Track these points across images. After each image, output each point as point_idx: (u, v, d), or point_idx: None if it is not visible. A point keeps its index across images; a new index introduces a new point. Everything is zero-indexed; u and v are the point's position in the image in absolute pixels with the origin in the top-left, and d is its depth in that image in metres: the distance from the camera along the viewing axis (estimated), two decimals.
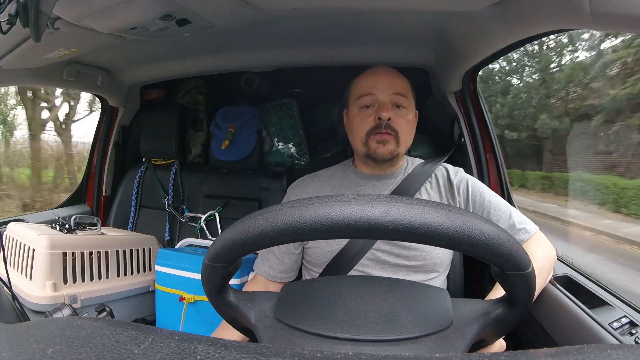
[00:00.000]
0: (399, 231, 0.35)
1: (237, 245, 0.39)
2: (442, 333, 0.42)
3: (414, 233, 0.35)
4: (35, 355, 0.23)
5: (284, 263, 0.85)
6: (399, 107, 0.82)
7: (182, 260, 1.12)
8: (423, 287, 0.52)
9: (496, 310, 0.45)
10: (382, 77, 0.84)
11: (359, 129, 0.83)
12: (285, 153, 1.49)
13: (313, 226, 0.36)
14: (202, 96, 1.60)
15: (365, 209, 0.35)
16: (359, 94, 0.84)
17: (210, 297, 0.46)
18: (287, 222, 0.37)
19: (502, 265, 0.39)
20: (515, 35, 0.77)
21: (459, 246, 0.37)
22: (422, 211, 0.36)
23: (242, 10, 0.82)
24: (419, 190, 0.85)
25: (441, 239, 0.36)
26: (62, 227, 1.10)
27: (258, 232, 0.37)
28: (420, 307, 0.46)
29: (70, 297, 0.98)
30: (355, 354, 0.25)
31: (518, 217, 0.81)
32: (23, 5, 0.53)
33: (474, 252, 0.38)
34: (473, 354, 0.27)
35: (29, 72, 1.11)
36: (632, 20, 0.49)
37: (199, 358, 0.23)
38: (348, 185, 0.88)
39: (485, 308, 0.46)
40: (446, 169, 0.89)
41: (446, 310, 0.46)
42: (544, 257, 0.76)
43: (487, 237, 0.37)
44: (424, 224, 0.35)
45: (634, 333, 0.63)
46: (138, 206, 1.49)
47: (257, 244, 0.39)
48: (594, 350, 0.24)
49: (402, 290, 0.49)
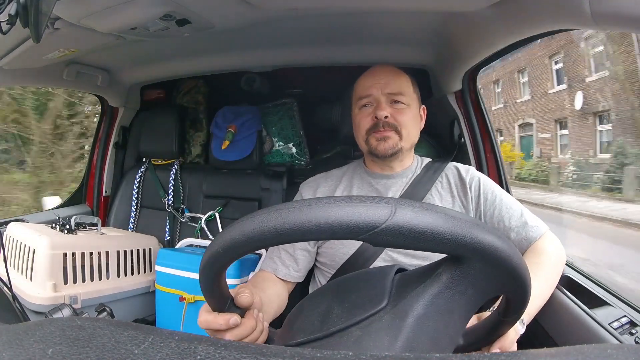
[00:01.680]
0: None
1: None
2: (372, 317, 0.39)
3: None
4: (35, 355, 0.23)
5: (297, 260, 0.83)
6: (396, 103, 0.83)
7: (182, 261, 1.12)
8: (364, 274, 0.48)
9: (444, 274, 0.38)
10: (379, 76, 0.85)
11: (360, 128, 0.85)
12: (286, 153, 1.49)
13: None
14: (202, 96, 1.60)
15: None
16: (359, 95, 0.86)
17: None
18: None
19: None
20: (515, 35, 0.77)
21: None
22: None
23: (242, 10, 0.82)
24: (429, 191, 0.85)
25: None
26: (63, 228, 1.10)
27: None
28: (352, 296, 0.43)
29: (70, 297, 0.98)
30: (355, 354, 0.25)
31: (530, 215, 0.81)
32: (23, 6, 0.53)
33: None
34: (473, 354, 0.27)
35: (29, 72, 1.10)
36: (632, 20, 0.49)
37: (199, 358, 0.23)
38: (361, 184, 0.88)
39: (429, 272, 0.40)
40: (457, 167, 0.89)
41: (380, 291, 0.41)
42: (556, 258, 0.76)
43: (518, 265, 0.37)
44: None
45: (634, 333, 0.63)
46: (139, 206, 1.50)
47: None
48: (594, 350, 0.24)
49: (342, 285, 0.47)
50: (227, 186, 1.42)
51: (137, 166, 1.53)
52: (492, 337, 0.49)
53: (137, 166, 1.53)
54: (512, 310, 0.43)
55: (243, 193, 1.39)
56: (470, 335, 0.48)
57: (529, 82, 9.75)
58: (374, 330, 0.38)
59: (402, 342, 0.36)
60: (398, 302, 0.39)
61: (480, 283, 0.38)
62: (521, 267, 0.37)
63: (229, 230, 0.37)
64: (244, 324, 0.48)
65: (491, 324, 0.47)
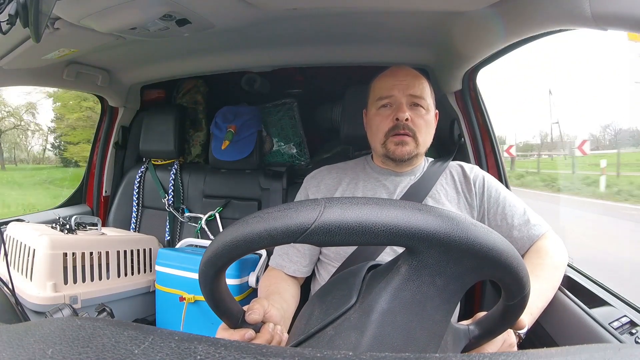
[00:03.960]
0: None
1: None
2: (343, 316, 0.39)
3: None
4: (35, 355, 0.23)
5: (304, 255, 0.84)
6: (417, 107, 0.83)
7: (182, 261, 1.12)
8: (343, 274, 0.48)
9: (401, 268, 0.38)
10: (401, 77, 0.84)
11: (377, 130, 0.84)
12: (286, 153, 1.49)
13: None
14: (201, 96, 1.60)
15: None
16: (378, 95, 0.85)
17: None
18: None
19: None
20: (515, 35, 0.77)
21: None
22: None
23: (242, 10, 0.82)
24: (434, 187, 0.85)
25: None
26: (63, 228, 1.10)
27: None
28: (328, 297, 0.43)
29: (70, 297, 0.98)
30: (355, 355, 0.25)
31: (532, 214, 0.82)
32: (23, 5, 0.53)
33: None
34: (473, 354, 0.27)
35: (29, 72, 1.11)
36: (632, 20, 0.49)
37: (199, 358, 0.23)
38: (367, 179, 0.88)
39: (389, 267, 0.40)
40: (461, 165, 0.90)
41: (351, 289, 0.41)
42: (558, 259, 0.77)
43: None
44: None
45: (634, 333, 0.63)
46: (140, 206, 1.50)
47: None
48: (594, 350, 0.24)
49: (326, 287, 0.48)
50: (227, 186, 1.42)
51: (137, 166, 1.53)
52: (505, 324, 0.47)
53: (137, 166, 1.53)
54: (512, 292, 0.41)
55: (243, 193, 1.39)
56: (484, 323, 0.48)
57: None
58: (344, 329, 0.38)
59: (369, 338, 0.36)
60: (365, 299, 0.39)
61: (448, 271, 0.36)
62: (488, 246, 0.35)
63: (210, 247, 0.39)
64: (259, 339, 0.50)
65: (500, 312, 0.45)
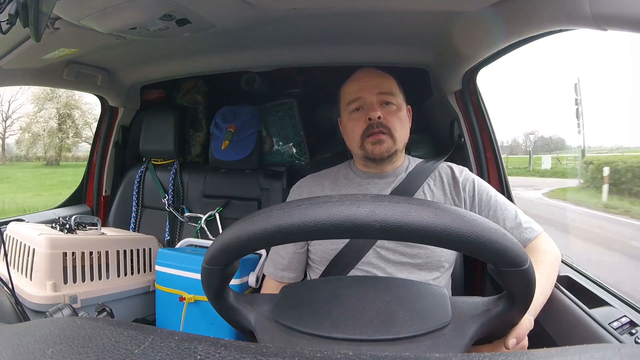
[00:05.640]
0: (386, 230, 0.35)
1: (231, 248, 0.40)
2: (440, 331, 0.42)
3: (400, 232, 0.35)
4: (36, 355, 0.23)
5: (290, 263, 0.85)
6: (387, 105, 0.84)
7: (182, 261, 1.12)
8: (420, 285, 0.52)
9: (496, 307, 0.45)
10: (365, 79, 0.86)
11: (353, 133, 0.85)
12: (286, 153, 1.49)
13: (302, 228, 0.36)
14: (201, 96, 1.60)
15: (352, 209, 0.36)
16: (348, 100, 0.86)
17: (211, 300, 0.47)
18: (277, 225, 0.37)
19: (496, 262, 0.39)
20: (515, 35, 0.77)
21: (449, 244, 0.37)
22: (409, 209, 0.36)
23: (242, 10, 0.82)
24: (421, 187, 0.85)
25: (429, 237, 0.36)
26: (62, 227, 1.10)
27: (250, 234, 0.38)
28: (417, 306, 0.45)
29: (70, 297, 0.98)
30: (355, 354, 0.25)
31: (523, 216, 0.82)
32: (23, 5, 0.53)
33: (465, 249, 0.37)
34: (473, 354, 0.27)
35: (29, 72, 1.10)
36: (632, 21, 0.49)
37: (199, 358, 0.23)
38: (350, 184, 0.88)
39: (485, 305, 0.46)
40: (450, 167, 0.89)
41: (444, 308, 0.45)
42: (553, 256, 0.77)
43: (477, 233, 0.36)
44: (410, 222, 0.35)
45: (634, 333, 0.63)
46: (140, 206, 1.50)
47: (250, 246, 0.39)
48: (594, 350, 0.24)
49: (399, 289, 0.49)
50: (227, 186, 1.42)
51: (137, 166, 1.53)
52: (507, 327, 0.50)
53: (137, 166, 1.53)
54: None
55: (243, 193, 1.39)
56: (486, 326, 0.49)
57: None
58: (442, 343, 0.41)
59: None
60: (459, 322, 0.44)
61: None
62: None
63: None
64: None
65: (503, 312, 0.47)
